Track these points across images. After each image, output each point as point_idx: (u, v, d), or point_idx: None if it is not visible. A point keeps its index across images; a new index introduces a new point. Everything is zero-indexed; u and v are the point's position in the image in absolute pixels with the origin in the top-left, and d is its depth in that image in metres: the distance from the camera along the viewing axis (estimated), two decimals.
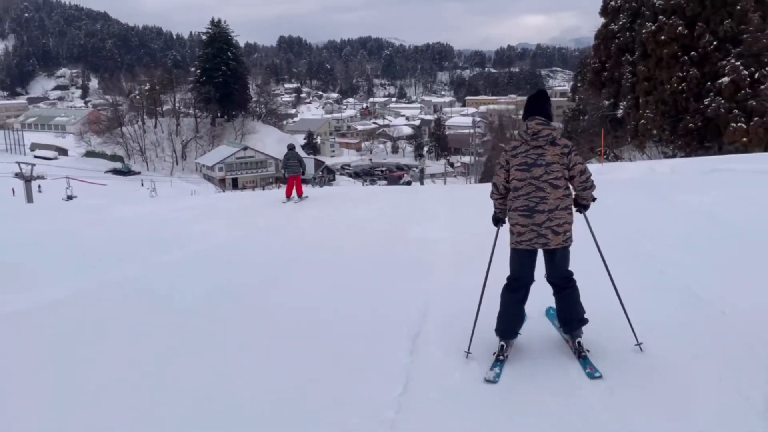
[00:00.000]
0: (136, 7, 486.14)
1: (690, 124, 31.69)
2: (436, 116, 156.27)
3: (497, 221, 4.69)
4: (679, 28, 32.10)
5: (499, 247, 4.62)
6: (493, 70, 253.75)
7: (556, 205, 4.18)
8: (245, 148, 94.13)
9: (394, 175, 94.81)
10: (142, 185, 74.56)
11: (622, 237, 7.55)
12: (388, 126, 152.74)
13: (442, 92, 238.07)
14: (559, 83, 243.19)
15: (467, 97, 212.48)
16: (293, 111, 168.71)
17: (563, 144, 4.27)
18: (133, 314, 5.69)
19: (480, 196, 13.14)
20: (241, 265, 7.45)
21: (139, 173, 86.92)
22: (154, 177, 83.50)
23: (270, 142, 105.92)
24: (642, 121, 33.87)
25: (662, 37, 32.96)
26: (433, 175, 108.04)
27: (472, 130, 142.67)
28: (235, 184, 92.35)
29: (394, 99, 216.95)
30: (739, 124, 28.91)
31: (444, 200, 13.01)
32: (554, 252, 4.29)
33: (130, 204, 15.11)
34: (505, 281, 4.46)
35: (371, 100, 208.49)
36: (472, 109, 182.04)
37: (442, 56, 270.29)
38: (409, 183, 28.18)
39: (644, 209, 9.60)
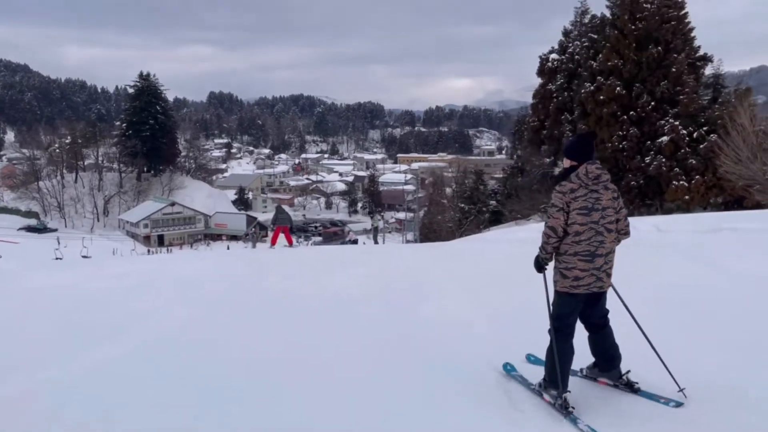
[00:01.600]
0: (60, 61, 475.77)
1: (632, 182, 31.91)
2: (369, 172, 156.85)
3: (542, 267, 4.49)
4: (618, 88, 32.66)
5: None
6: (423, 129, 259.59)
7: (610, 248, 4.30)
8: (173, 204, 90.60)
9: (329, 231, 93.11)
10: (59, 243, 69.91)
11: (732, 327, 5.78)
12: (321, 182, 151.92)
13: (374, 149, 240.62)
14: (486, 143, 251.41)
15: (399, 155, 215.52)
16: (223, 166, 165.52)
17: (613, 188, 4.36)
18: None
19: (472, 256, 11.73)
20: (204, 372, 5.16)
21: (55, 230, 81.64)
22: (72, 234, 78.59)
23: (199, 197, 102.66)
24: None
25: (601, 97, 33.44)
26: (367, 231, 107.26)
27: (406, 187, 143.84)
28: (161, 241, 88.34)
29: (326, 155, 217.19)
30: (681, 182, 29.22)
31: (431, 263, 11.14)
32: (602, 294, 4.40)
33: (46, 270, 12.76)
34: (553, 330, 4.35)
35: (304, 156, 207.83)
36: (404, 166, 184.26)
37: (373, 115, 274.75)
38: (354, 242, 26.40)
39: (702, 278, 7.78)
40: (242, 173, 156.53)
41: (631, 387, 4.41)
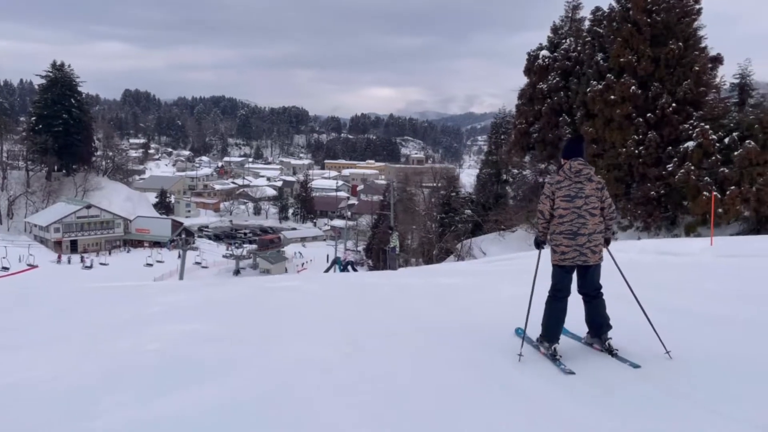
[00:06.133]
0: None
1: (651, 192, 28.57)
2: (298, 177, 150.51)
3: (539, 244, 5.32)
4: (632, 87, 29.35)
5: None
6: (350, 136, 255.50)
7: (594, 229, 5.02)
8: (89, 206, 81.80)
9: (265, 239, 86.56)
10: None
11: None
12: (248, 186, 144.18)
13: (300, 155, 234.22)
14: (412, 151, 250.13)
15: (326, 161, 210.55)
16: (141, 167, 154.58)
17: (597, 180, 5.14)
18: None
19: None
20: None
21: None
22: None
23: (117, 199, 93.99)
24: None
25: (612, 97, 30.04)
26: (303, 239, 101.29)
27: (339, 193, 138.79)
28: (74, 248, 79.27)
29: (250, 159, 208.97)
30: (714, 193, 26.01)
31: None
32: (589, 268, 5.06)
33: None
34: (548, 294, 5.16)
35: (226, 159, 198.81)
36: (333, 172, 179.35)
37: (298, 119, 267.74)
38: (352, 266, 19.91)
39: None
40: (162, 175, 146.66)
41: (610, 351, 5.10)
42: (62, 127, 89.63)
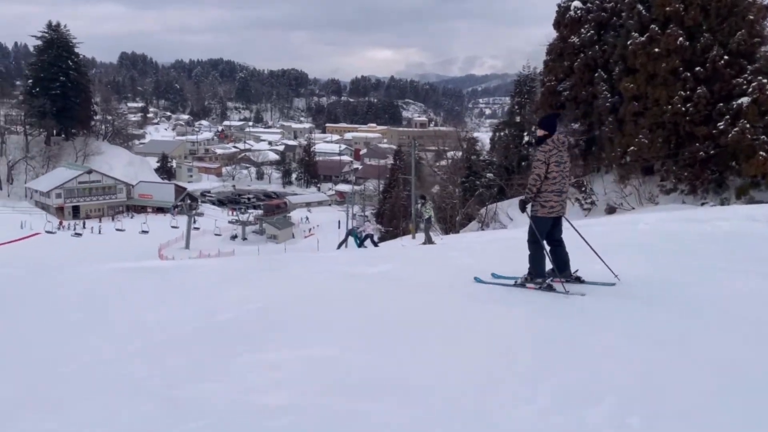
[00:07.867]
0: None
1: (700, 152, 26.68)
2: (300, 142, 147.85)
3: (524, 208, 6.38)
4: (680, 39, 27.18)
5: None
6: (350, 99, 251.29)
7: (568, 187, 6.63)
8: (90, 171, 79.81)
9: (271, 204, 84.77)
10: None
11: None
12: (250, 150, 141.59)
13: (301, 118, 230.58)
14: (413, 114, 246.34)
15: (327, 124, 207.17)
16: (141, 131, 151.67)
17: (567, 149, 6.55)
18: None
19: None
20: None
21: None
22: None
23: (119, 164, 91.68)
24: (632, 147, 28.47)
25: (656, 50, 27.91)
26: (308, 204, 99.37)
27: (343, 157, 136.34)
28: (75, 213, 77.50)
29: (250, 123, 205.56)
30: None
31: None
32: (561, 218, 6.49)
33: None
34: (535, 242, 6.37)
35: (226, 123, 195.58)
36: (335, 136, 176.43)
37: (298, 82, 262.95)
38: (372, 239, 17.43)
39: None
40: (162, 140, 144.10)
41: (579, 279, 6.46)
42: (60, 89, 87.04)
